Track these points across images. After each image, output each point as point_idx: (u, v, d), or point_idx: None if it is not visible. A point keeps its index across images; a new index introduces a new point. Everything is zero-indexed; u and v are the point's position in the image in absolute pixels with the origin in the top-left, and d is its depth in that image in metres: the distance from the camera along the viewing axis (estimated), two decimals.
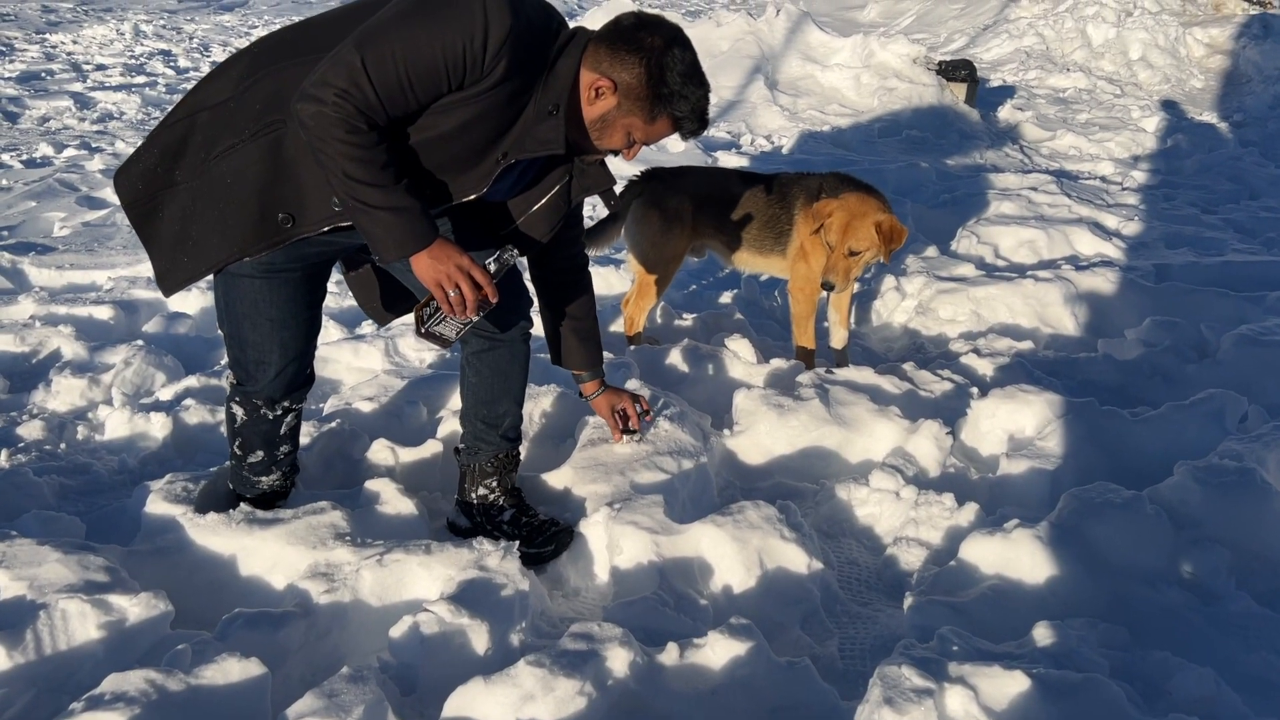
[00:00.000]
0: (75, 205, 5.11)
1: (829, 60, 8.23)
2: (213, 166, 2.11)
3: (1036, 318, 4.13)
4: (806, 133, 7.25)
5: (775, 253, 3.71)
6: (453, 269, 2.07)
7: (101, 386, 3.28)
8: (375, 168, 1.96)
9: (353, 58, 1.92)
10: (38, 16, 13.20)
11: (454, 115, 2.03)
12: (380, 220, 2.00)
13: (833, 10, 19.19)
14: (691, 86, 2.14)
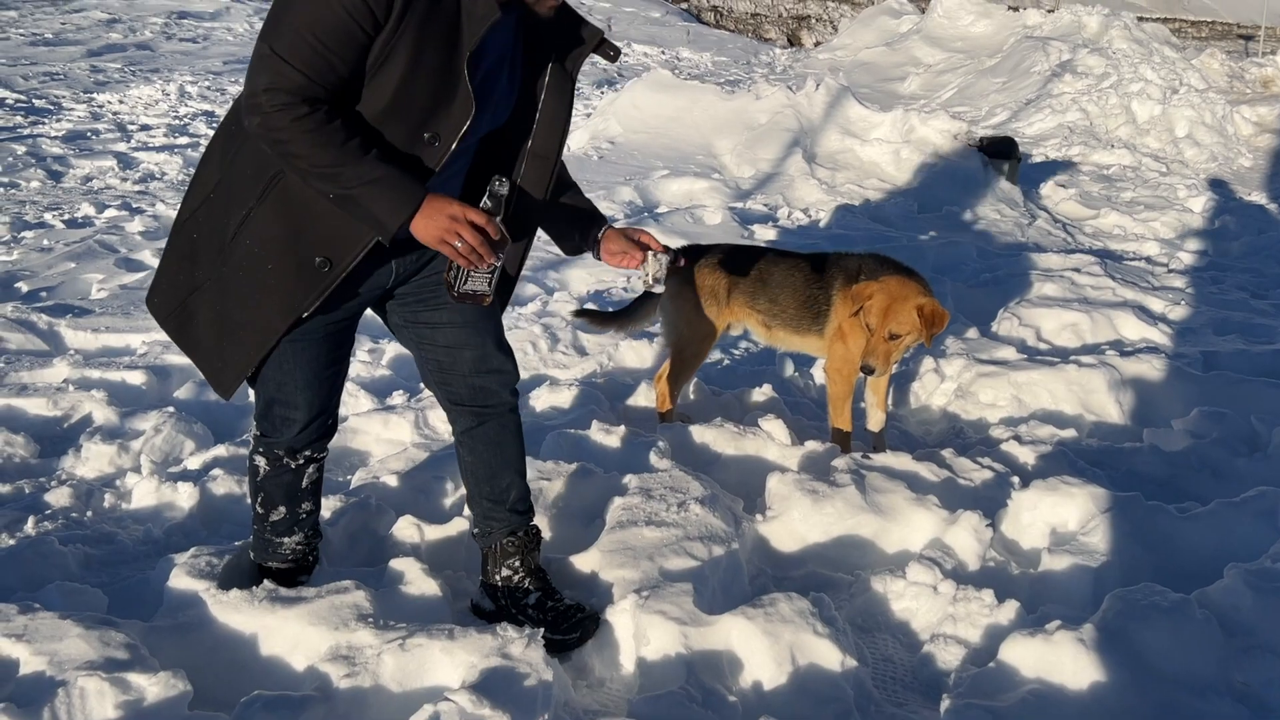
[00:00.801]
0: (114, 267, 5.24)
1: (869, 135, 8.32)
2: (233, 248, 2.15)
3: (1080, 404, 4.10)
4: (844, 207, 7.30)
5: (812, 332, 3.72)
6: (447, 221, 2.04)
7: (131, 453, 3.33)
8: (335, 147, 1.98)
9: (262, 51, 1.97)
10: (86, 76, 13.65)
11: (398, 56, 2.01)
12: (364, 198, 2.01)
13: (873, 82, 19.45)
14: None
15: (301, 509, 2.53)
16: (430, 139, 2.09)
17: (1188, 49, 25.48)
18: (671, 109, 9.02)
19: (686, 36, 26.47)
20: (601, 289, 5.52)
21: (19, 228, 6.22)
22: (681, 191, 7.69)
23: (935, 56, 19.45)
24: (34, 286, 4.99)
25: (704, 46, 25.07)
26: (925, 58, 19.64)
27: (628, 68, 20.81)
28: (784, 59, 25.99)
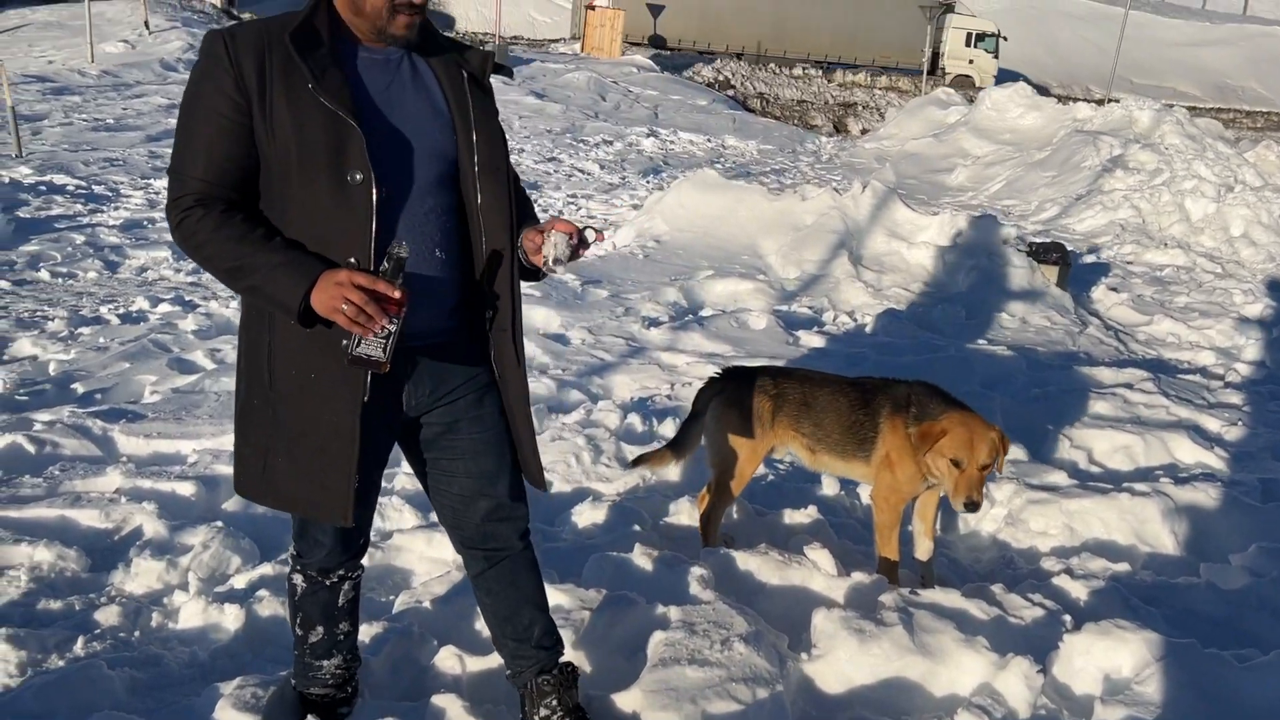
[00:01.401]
0: (166, 368, 5.42)
1: (916, 237, 8.41)
2: (276, 388, 2.28)
3: (1133, 534, 4.07)
4: (891, 312, 7.35)
5: (858, 458, 3.75)
6: (333, 288, 2.07)
7: (179, 569, 3.41)
8: (237, 240, 2.11)
9: (168, 175, 2.18)
10: (144, 162, 14.19)
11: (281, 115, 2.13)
12: (267, 284, 2.11)
13: (920, 173, 19.65)
14: None
15: (339, 629, 2.59)
16: (352, 178, 2.15)
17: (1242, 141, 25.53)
18: (717, 208, 9.19)
19: (732, 124, 26.97)
20: (645, 396, 5.59)
21: (76, 323, 6.45)
22: (726, 293, 7.80)
23: (983, 148, 19.64)
24: (89, 388, 5.16)
25: (749, 134, 25.51)
26: (973, 149, 19.84)
27: (673, 155, 21.22)
28: (829, 147, 26.35)
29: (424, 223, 2.29)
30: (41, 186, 11.43)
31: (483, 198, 2.34)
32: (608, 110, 25.78)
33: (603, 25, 34.28)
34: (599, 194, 14.93)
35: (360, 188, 2.16)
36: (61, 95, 19.20)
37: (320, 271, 2.10)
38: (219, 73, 2.12)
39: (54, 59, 23.76)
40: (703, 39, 39.01)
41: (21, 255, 8.47)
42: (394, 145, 2.23)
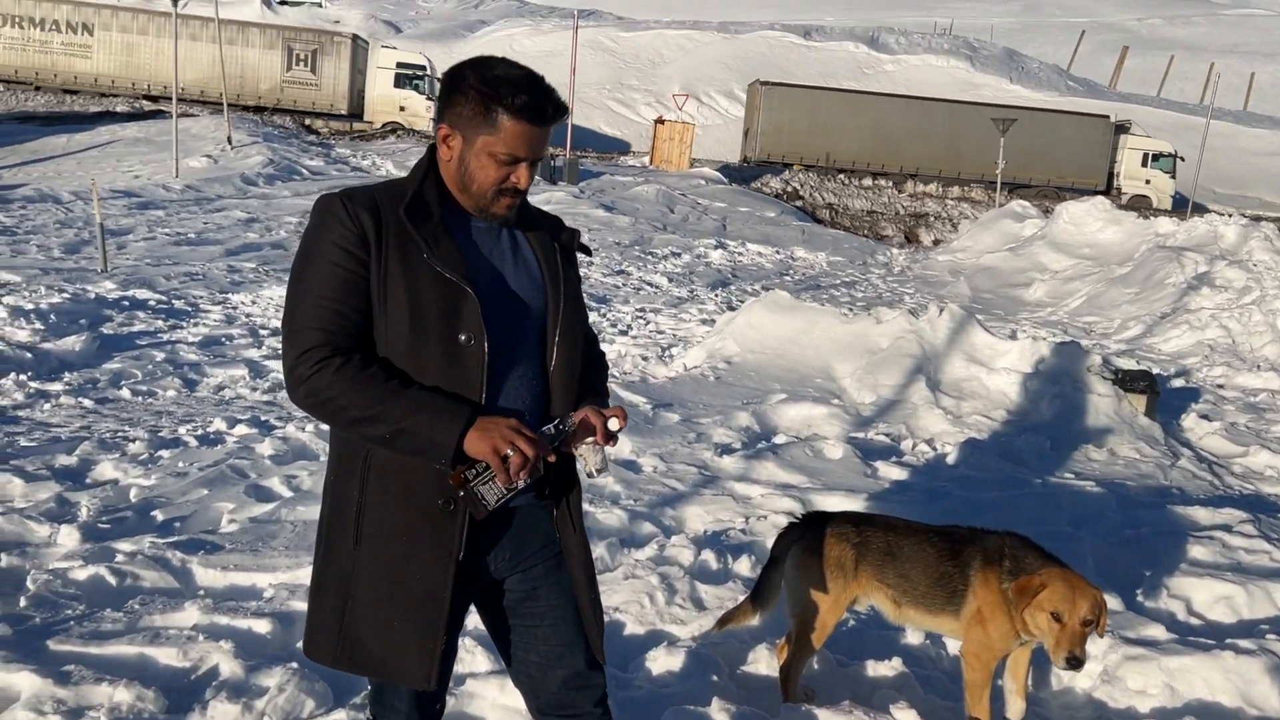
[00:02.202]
0: (244, 496, 5.57)
1: (995, 363, 8.38)
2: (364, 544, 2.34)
3: (1239, 696, 3.92)
4: (972, 441, 7.30)
5: (946, 612, 3.70)
6: (506, 431, 2.17)
7: (254, 713, 3.47)
8: (377, 387, 2.20)
9: (285, 332, 2.26)
10: (223, 276, 14.79)
11: (395, 278, 2.26)
12: (416, 425, 2.19)
13: (996, 287, 19.63)
14: (509, 69, 2.32)
15: None
16: (466, 339, 2.27)
17: None
18: (790, 330, 9.27)
19: (801, 236, 27.30)
20: (719, 529, 5.59)
21: (156, 445, 6.67)
22: (800, 418, 7.81)
23: (1062, 263, 19.60)
24: (169, 515, 5.32)
25: (819, 246, 25.79)
26: (1051, 264, 19.80)
27: (742, 268, 21.50)
28: (901, 259, 26.49)
29: (518, 385, 2.41)
30: (125, 302, 11.95)
31: (555, 363, 2.47)
32: (676, 222, 26.31)
33: (671, 139, 35.24)
34: (667, 307, 15.15)
35: (473, 348, 2.29)
36: (146, 210, 20.21)
37: (472, 411, 2.22)
38: (340, 229, 2.27)
39: (140, 174, 25.08)
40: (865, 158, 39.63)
41: (104, 373, 8.83)
42: (499, 309, 2.37)
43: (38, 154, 28.38)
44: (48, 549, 4.78)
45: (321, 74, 38.48)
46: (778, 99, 39.52)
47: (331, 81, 38.50)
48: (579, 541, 2.54)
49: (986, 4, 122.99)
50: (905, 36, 59.81)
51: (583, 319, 2.56)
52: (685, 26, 57.78)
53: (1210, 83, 57.24)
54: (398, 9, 64.78)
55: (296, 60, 38.28)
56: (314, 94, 38.46)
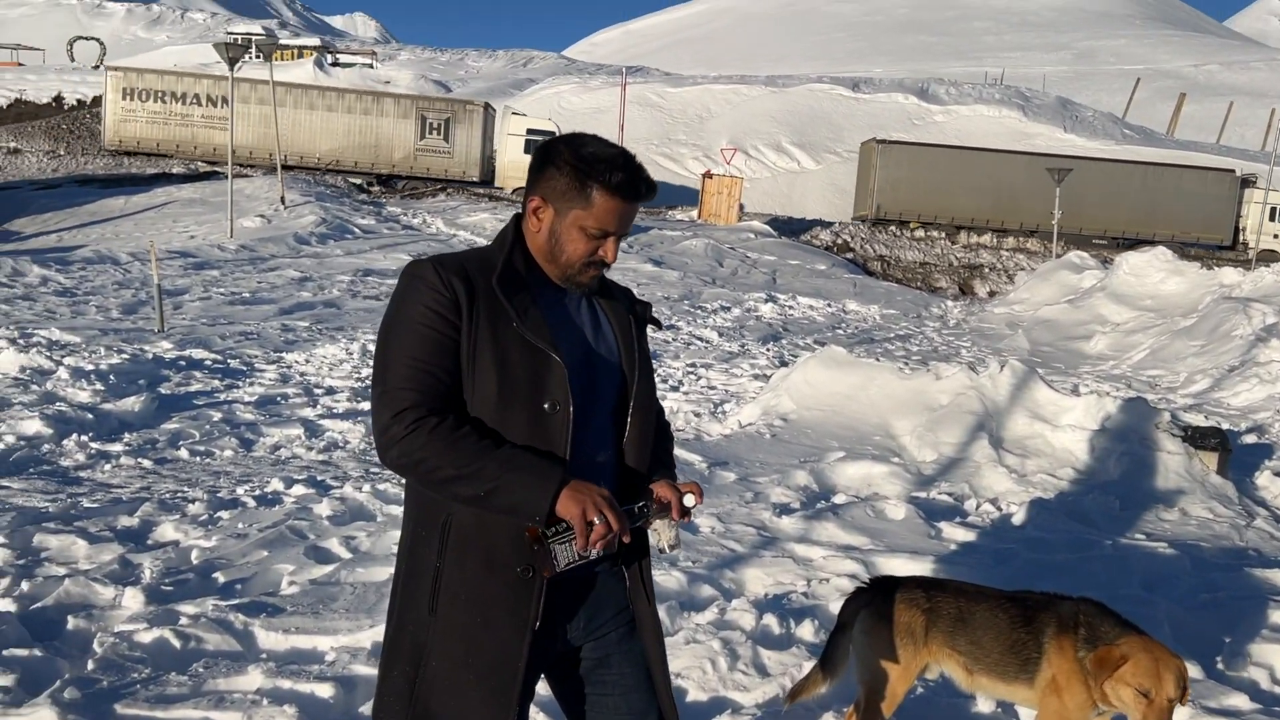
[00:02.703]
0: (303, 557, 5.65)
1: (1060, 419, 8.29)
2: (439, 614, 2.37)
3: None
4: (1039, 501, 7.20)
5: (1020, 681, 3.65)
6: (598, 498, 2.23)
7: None
8: (471, 446, 2.25)
9: (376, 393, 2.30)
10: (277, 335, 15.08)
11: (484, 344, 2.31)
12: (509, 484, 2.23)
13: (1055, 340, 19.42)
14: (603, 147, 2.40)
15: None
16: (550, 407, 2.34)
17: None
18: (846, 386, 9.25)
19: (853, 289, 27.26)
20: (780, 593, 5.56)
21: (215, 505, 6.80)
22: (859, 476, 7.77)
23: (1123, 315, 19.36)
24: (230, 577, 5.41)
25: (871, 299, 25.72)
26: (1112, 316, 19.57)
27: (793, 321, 21.49)
28: (956, 312, 26.33)
29: (596, 454, 2.47)
30: (181, 362, 12.23)
31: (629, 434, 2.52)
32: (725, 276, 26.42)
33: (719, 192, 35.51)
34: (718, 362, 15.17)
35: (558, 415, 2.36)
36: (202, 270, 20.73)
37: (562, 472, 2.27)
38: (432, 293, 2.34)
39: (196, 234, 25.78)
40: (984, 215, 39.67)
41: (163, 433, 9.03)
42: (582, 378, 2.44)
43: (96, 216, 29.28)
44: (113, 611, 4.88)
45: (454, 142, 39.17)
46: (894, 157, 39.76)
47: (464, 149, 39.15)
48: (651, 613, 2.57)
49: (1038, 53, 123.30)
50: (955, 87, 59.94)
51: (654, 395, 2.63)
52: (732, 81, 58.45)
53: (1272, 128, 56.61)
54: (447, 68, 66.32)
55: (430, 129, 39.06)
56: (447, 161, 39.13)
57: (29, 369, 10.71)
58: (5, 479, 7.39)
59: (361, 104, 38.53)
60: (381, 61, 64.93)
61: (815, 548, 6.17)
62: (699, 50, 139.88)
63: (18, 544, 5.81)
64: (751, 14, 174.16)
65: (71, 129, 44.48)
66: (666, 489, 2.46)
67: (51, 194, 32.33)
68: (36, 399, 9.50)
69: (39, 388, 9.96)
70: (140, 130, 37.79)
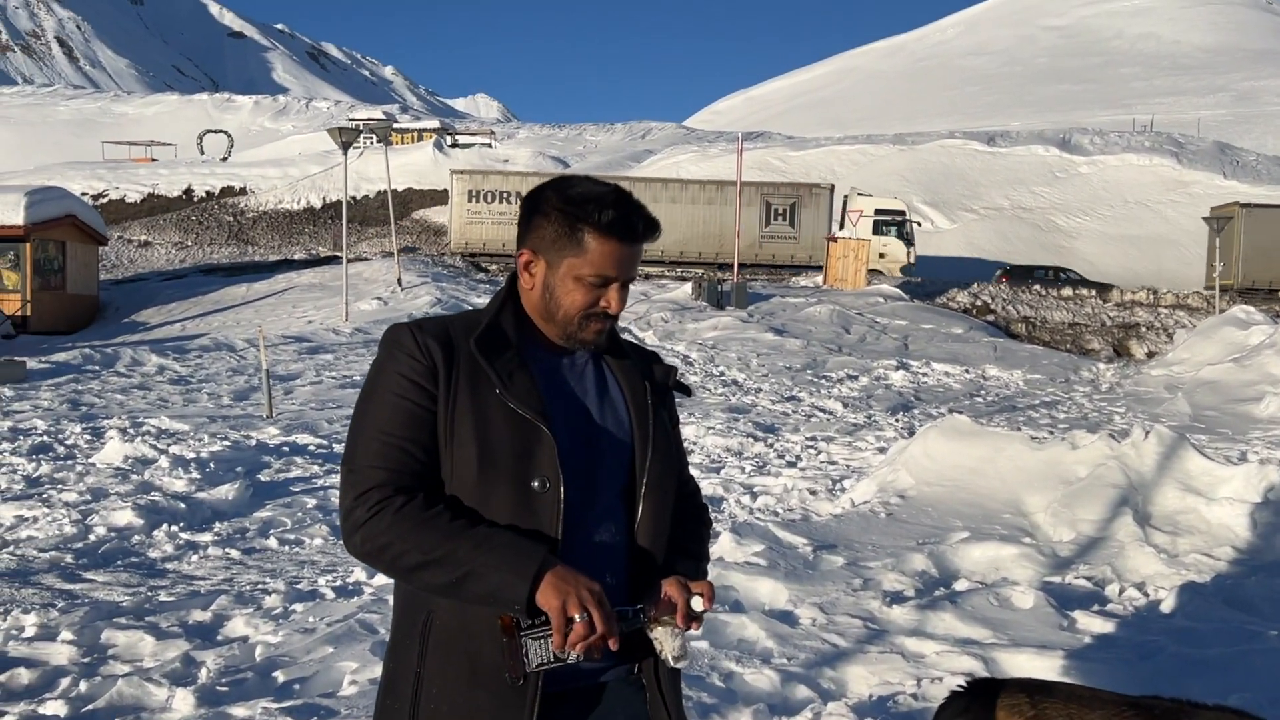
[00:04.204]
0: (369, 653, 5.51)
1: (1216, 491, 7.63)
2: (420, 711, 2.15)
3: None
4: (1191, 586, 6.59)
5: None
6: (584, 591, 1.98)
7: None
8: (442, 527, 2.04)
9: (343, 473, 2.14)
10: None
11: (464, 413, 2.12)
12: (484, 567, 2.01)
13: (1220, 403, 18.28)
14: (592, 186, 2.22)
15: None
16: (540, 485, 2.12)
17: None
18: (971, 459, 8.76)
19: (993, 353, 26.36)
20: (886, 694, 5.15)
21: (293, 598, 6.77)
22: (985, 559, 7.27)
23: None
24: (290, 676, 5.30)
25: (1013, 364, 24.78)
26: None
27: (926, 389, 20.83)
28: (1110, 375, 25.16)
29: (602, 540, 2.24)
30: (285, 448, 12.49)
31: (641, 519, 2.28)
32: (852, 343, 25.91)
33: (845, 256, 35.06)
34: (840, 435, 14.73)
35: (547, 495, 2.14)
36: (316, 354, 21.38)
37: (545, 555, 2.04)
38: (407, 360, 2.17)
39: (313, 319, 26.73)
40: None
41: (254, 522, 9.14)
42: (580, 453, 2.22)
43: (220, 304, 30.73)
44: (163, 715, 4.81)
45: (800, 226, 39.38)
46: (1260, 221, 38.59)
47: (810, 233, 39.24)
48: None
49: (1192, 97, 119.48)
50: (1101, 136, 58.33)
51: (676, 467, 2.38)
52: (858, 141, 58.22)
53: None
54: (565, 144, 68.12)
55: (775, 215, 39.51)
56: (792, 247, 39.34)
57: (132, 458, 11.09)
58: (91, 572, 7.54)
59: (705, 193, 39.01)
60: (500, 140, 67.21)
61: (929, 641, 5.73)
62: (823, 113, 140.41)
63: (85, 640, 5.86)
64: (878, 72, 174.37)
65: (200, 220, 47.19)
66: (673, 587, 2.19)
67: (177, 284, 34.16)
68: (132, 489, 9.77)
69: (138, 477, 10.27)
70: (486, 233, 38.52)
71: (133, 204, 50.47)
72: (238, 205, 50.46)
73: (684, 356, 22.93)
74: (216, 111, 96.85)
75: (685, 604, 2.17)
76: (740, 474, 11.58)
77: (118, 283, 36.74)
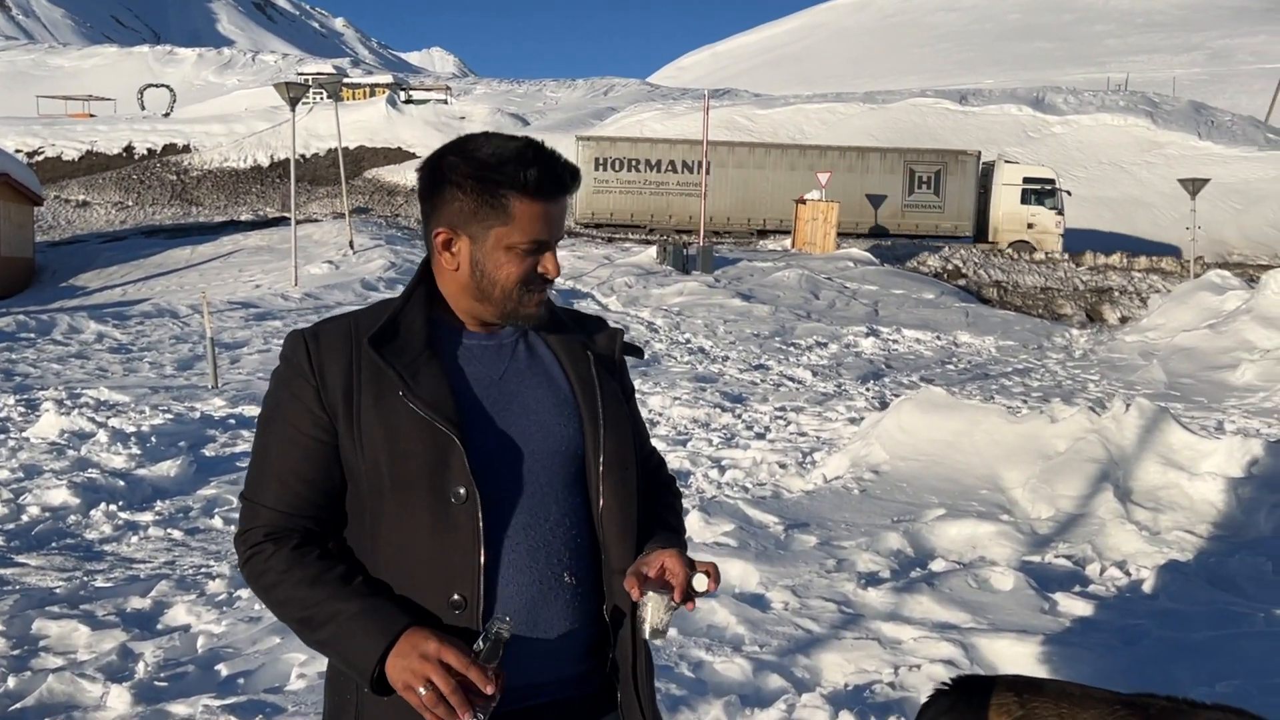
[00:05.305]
0: None
1: (1198, 466, 7.61)
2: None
3: None
4: (1173, 564, 6.56)
5: None
6: (416, 662, 1.81)
7: None
8: (309, 583, 1.93)
9: (241, 499, 2.06)
10: None
11: (372, 429, 1.97)
12: (337, 639, 1.90)
13: (1196, 370, 18.42)
14: (502, 142, 2.04)
15: None
16: (456, 496, 1.95)
17: None
18: (947, 433, 8.69)
19: (965, 318, 26.43)
20: (863, 683, 5.07)
21: (238, 583, 6.58)
22: (962, 537, 7.21)
23: (1273, 340, 18.27)
24: (233, 670, 5.14)
25: (985, 330, 24.86)
26: (1260, 341, 18.49)
27: (897, 357, 20.83)
28: (1083, 341, 25.31)
29: (549, 541, 2.06)
30: (231, 420, 12.23)
31: (604, 502, 2.11)
32: (821, 309, 25.86)
33: (814, 219, 34.93)
34: (810, 405, 14.66)
35: (466, 507, 1.96)
36: (263, 321, 20.99)
37: (402, 627, 1.88)
38: (299, 384, 2.01)
39: (261, 283, 26.27)
40: None
41: (198, 500, 8.93)
42: (508, 450, 2.04)
43: (162, 267, 30.15)
44: (96, 713, 4.64)
45: (946, 195, 38.65)
46: None
47: (956, 202, 38.57)
48: None
49: (1166, 55, 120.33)
50: (1075, 95, 58.45)
51: (635, 441, 2.20)
52: (827, 100, 57.98)
53: None
54: (525, 100, 67.41)
55: (919, 183, 38.71)
56: (937, 217, 38.63)
57: (68, 432, 10.78)
58: (22, 555, 7.31)
59: (845, 160, 38.21)
60: (456, 96, 66.32)
61: (906, 626, 5.65)
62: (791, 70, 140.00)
63: (14, 631, 5.66)
64: (847, 29, 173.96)
65: (141, 179, 46.25)
66: (677, 561, 2.05)
67: (117, 246, 33.48)
68: (68, 465, 9.50)
69: (74, 453, 9.98)
70: (613, 202, 37.97)
71: (70, 162, 49.38)
72: (181, 163, 49.50)
73: (649, 323, 22.78)
74: (158, 64, 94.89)
75: (686, 580, 2.03)
76: (708, 446, 11.48)
77: (54, 245, 35.94)
